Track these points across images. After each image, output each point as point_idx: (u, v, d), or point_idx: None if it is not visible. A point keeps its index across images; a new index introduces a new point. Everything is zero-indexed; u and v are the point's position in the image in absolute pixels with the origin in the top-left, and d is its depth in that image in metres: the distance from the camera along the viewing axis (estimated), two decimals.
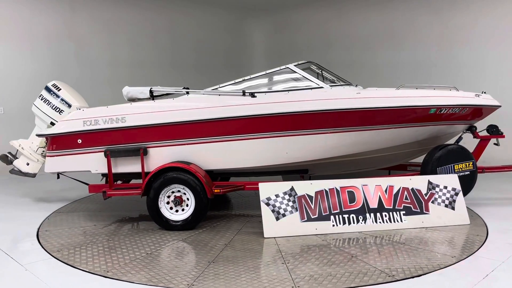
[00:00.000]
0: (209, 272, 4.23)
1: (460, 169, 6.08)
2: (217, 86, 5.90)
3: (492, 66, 9.57)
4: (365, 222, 5.48)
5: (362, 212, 5.52)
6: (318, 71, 6.15)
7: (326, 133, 5.63)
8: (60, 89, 6.57)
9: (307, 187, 5.54)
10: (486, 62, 9.63)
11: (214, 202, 6.70)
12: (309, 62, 6.19)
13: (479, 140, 6.52)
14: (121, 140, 5.67)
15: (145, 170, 5.68)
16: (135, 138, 5.66)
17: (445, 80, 8.87)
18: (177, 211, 5.58)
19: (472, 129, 6.45)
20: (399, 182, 5.75)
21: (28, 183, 8.34)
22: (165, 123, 5.60)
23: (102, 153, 5.70)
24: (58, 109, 6.49)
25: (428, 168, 6.02)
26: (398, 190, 5.68)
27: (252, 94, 5.62)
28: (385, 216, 5.55)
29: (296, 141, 5.63)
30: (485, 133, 6.56)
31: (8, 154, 7.04)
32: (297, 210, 5.40)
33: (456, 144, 6.26)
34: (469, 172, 6.12)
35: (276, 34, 13.80)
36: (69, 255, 4.72)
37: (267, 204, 5.38)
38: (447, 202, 5.73)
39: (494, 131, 6.44)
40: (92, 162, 5.75)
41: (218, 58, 13.25)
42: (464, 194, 5.87)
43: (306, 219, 5.38)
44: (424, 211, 5.63)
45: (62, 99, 6.50)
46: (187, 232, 5.46)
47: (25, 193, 7.74)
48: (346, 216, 5.48)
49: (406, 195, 5.68)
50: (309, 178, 6.49)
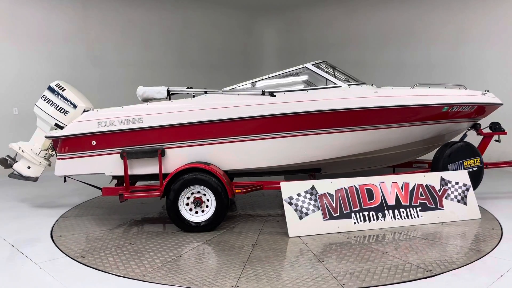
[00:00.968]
0: (248, 273, 4.19)
1: (469, 165, 6.27)
2: (235, 86, 5.85)
3: (493, 65, 9.61)
4: (384, 219, 5.57)
5: (381, 209, 5.60)
6: (333, 70, 6.20)
7: (344, 132, 5.69)
8: (64, 89, 6.33)
9: (327, 186, 5.58)
10: (487, 61, 9.64)
11: None
12: (324, 62, 6.24)
13: (483, 137, 6.74)
14: (138, 141, 5.54)
15: (163, 172, 5.56)
16: (153, 139, 5.54)
17: (454, 79, 8.88)
18: (197, 213, 5.50)
19: (477, 127, 6.67)
20: (414, 179, 5.87)
21: (24, 187, 8.01)
22: (184, 124, 5.51)
23: (118, 155, 5.54)
24: (63, 110, 6.26)
25: (440, 165, 6.18)
26: (414, 187, 5.80)
27: (272, 94, 5.61)
28: (403, 213, 5.65)
29: (315, 140, 5.66)
30: (488, 130, 6.78)
31: (7, 158, 6.75)
32: (319, 209, 5.43)
33: (464, 141, 6.45)
34: (477, 168, 6.33)
35: (287, 33, 13.72)
36: (96, 260, 4.57)
37: (290, 204, 5.39)
38: (459, 198, 5.89)
39: (497, 128, 6.68)
40: (107, 164, 5.58)
41: (229, 58, 13.24)
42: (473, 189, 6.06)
43: (329, 218, 5.42)
44: (439, 207, 5.78)
45: (67, 100, 6.27)
46: (209, 234, 5.39)
47: (23, 198, 7.42)
48: (366, 214, 5.55)
49: (421, 192, 5.80)
50: (313, 177, 6.53)
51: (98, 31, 10.83)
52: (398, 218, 5.62)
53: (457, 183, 5.96)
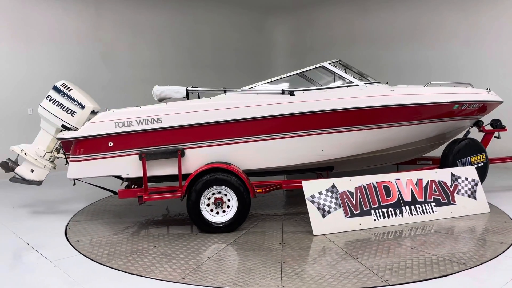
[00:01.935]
0: (288, 273, 4.18)
1: (476, 161, 6.48)
2: (254, 85, 5.82)
3: (492, 63, 9.67)
4: (402, 215, 5.68)
5: (399, 206, 5.71)
6: (347, 69, 6.26)
7: (362, 130, 5.76)
8: (71, 89, 6.13)
9: (347, 184, 5.63)
10: (487, 59, 9.68)
11: None
12: (340, 61, 6.29)
13: (484, 134, 6.98)
14: (157, 142, 5.42)
15: (181, 172, 5.47)
16: (171, 140, 5.43)
17: (462, 77, 8.81)
18: (218, 213, 5.44)
19: (479, 124, 6.90)
20: (427, 175, 6.01)
21: (24, 191, 7.68)
22: (204, 123, 5.43)
23: (135, 156, 5.41)
24: (70, 111, 6.06)
25: (449, 161, 6.36)
26: (427, 183, 5.94)
27: (291, 93, 5.61)
28: (419, 208, 5.78)
29: (333, 139, 5.71)
30: (489, 127, 7.02)
31: (8, 161, 6.46)
32: (341, 207, 5.47)
33: (470, 138, 6.66)
34: (483, 164, 6.55)
35: (298, 32, 13.64)
36: (127, 265, 4.45)
37: (312, 202, 5.41)
38: (469, 193, 6.08)
39: (498, 125, 6.93)
40: (124, 166, 5.44)
41: (240, 57, 13.21)
42: None
43: (350, 215, 5.47)
44: (451, 202, 5.94)
45: (74, 100, 6.07)
46: (232, 235, 5.34)
47: (22, 202, 7.11)
48: (385, 210, 5.64)
49: (434, 188, 5.95)
50: (322, 176, 6.58)
51: (110, 32, 10.91)
52: (415, 214, 5.73)
53: (467, 179, 6.15)
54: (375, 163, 6.67)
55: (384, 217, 5.60)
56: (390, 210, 5.66)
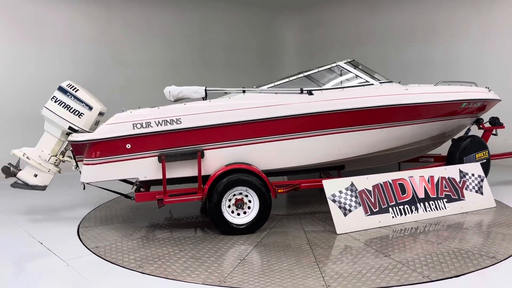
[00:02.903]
0: (328, 272, 4.18)
1: (480, 158, 6.69)
2: (272, 84, 5.78)
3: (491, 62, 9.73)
4: (418, 212, 5.79)
5: (413, 203, 5.81)
6: (361, 69, 6.32)
7: (377, 129, 5.84)
8: (78, 90, 5.91)
9: (364, 182, 5.69)
10: (486, 58, 9.73)
11: None
12: (353, 60, 6.34)
13: (484, 131, 7.21)
14: (176, 143, 5.29)
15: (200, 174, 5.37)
16: (191, 141, 5.32)
17: (464, 76, 8.82)
18: (239, 215, 5.38)
19: (480, 121, 7.12)
20: (438, 172, 6.15)
21: (22, 196, 7.34)
22: (224, 124, 5.35)
23: (154, 158, 5.26)
24: (78, 112, 5.83)
25: (456, 158, 6.53)
26: (438, 180, 6.08)
27: (310, 92, 5.61)
28: (432, 205, 5.91)
29: (350, 138, 5.75)
30: (488, 125, 7.26)
31: (9, 165, 6.16)
32: (360, 205, 5.52)
33: (473, 135, 6.86)
34: (486, 160, 6.76)
35: (307, 32, 13.54)
36: (159, 270, 4.33)
37: (334, 201, 5.43)
38: (477, 188, 6.26)
39: (496, 122, 7.18)
40: (142, 168, 5.28)
41: (250, 57, 13.20)
42: None
43: (370, 213, 5.53)
44: (461, 198, 6.10)
45: (82, 101, 5.85)
46: (254, 236, 5.29)
47: (21, 210, 6.80)
48: (402, 207, 5.73)
49: (445, 184, 6.10)
50: (329, 175, 6.62)
51: (121, 32, 10.96)
52: (429, 210, 5.86)
53: (473, 175, 6.33)
54: (383, 161, 6.76)
55: (401, 214, 5.69)
56: (406, 207, 5.76)
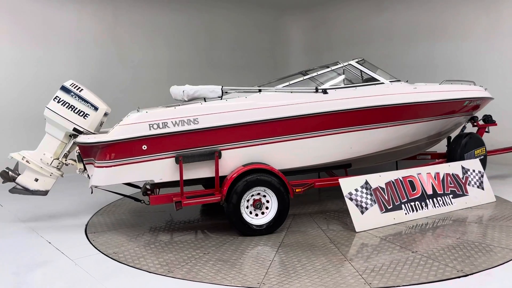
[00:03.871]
0: (363, 270, 4.20)
1: (478, 154, 6.91)
2: (287, 83, 5.75)
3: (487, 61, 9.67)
4: (428, 208, 5.91)
5: (423, 199, 5.93)
6: (370, 68, 6.38)
7: (387, 127, 5.92)
8: (82, 89, 5.67)
9: (378, 180, 5.75)
10: (490, 57, 9.62)
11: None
12: (363, 59, 6.40)
13: (478, 128, 7.45)
14: (193, 144, 5.17)
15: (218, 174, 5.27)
16: (208, 141, 5.21)
17: (473, 76, 8.68)
18: (257, 215, 5.32)
19: (475, 119, 7.36)
20: (442, 169, 6.30)
21: (21, 202, 6.96)
22: (241, 123, 5.28)
23: (170, 160, 5.12)
24: (83, 113, 5.59)
25: (457, 154, 6.72)
26: (443, 176, 6.23)
27: (324, 91, 5.62)
28: (440, 201, 6.05)
29: (362, 136, 5.81)
30: (482, 122, 7.52)
31: (8, 170, 5.83)
32: (376, 202, 5.58)
33: (472, 132, 7.08)
34: (483, 156, 6.99)
35: (313, 31, 13.42)
36: (190, 274, 4.21)
37: (351, 199, 5.46)
38: (478, 184, 6.47)
39: (489, 120, 7.45)
40: (157, 170, 5.12)
41: (256, 57, 13.12)
42: None
43: (384, 210, 5.60)
44: (465, 193, 6.28)
45: (86, 101, 5.62)
46: (274, 236, 5.24)
47: (21, 217, 6.45)
48: (413, 204, 5.83)
49: (450, 180, 6.26)
50: (333, 174, 6.67)
51: (127, 33, 10.94)
52: (438, 206, 5.99)
53: (474, 171, 6.53)
54: (386, 160, 6.87)
55: (413, 211, 5.79)
56: (417, 204, 5.86)
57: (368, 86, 5.95)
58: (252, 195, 5.27)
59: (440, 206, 6.01)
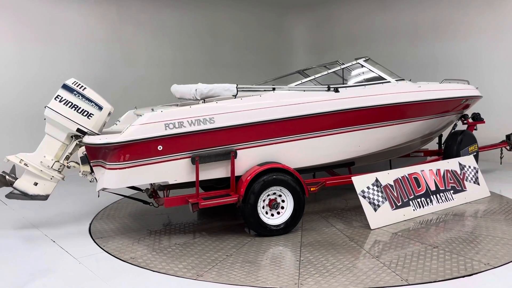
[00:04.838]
0: (393, 267, 4.24)
1: (472, 151, 7.14)
2: (299, 82, 5.72)
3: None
4: (432, 204, 6.05)
5: (428, 195, 6.07)
6: (376, 67, 6.45)
7: (394, 125, 6.01)
8: (85, 88, 5.41)
9: (386, 177, 5.83)
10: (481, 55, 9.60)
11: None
12: (369, 58, 6.44)
13: (468, 126, 7.70)
14: (209, 144, 5.04)
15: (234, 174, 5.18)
16: (223, 141, 5.10)
17: (473, 75, 8.74)
18: (272, 215, 5.26)
19: (466, 117, 7.60)
20: (442, 166, 6.47)
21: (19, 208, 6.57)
22: (257, 122, 5.20)
23: (185, 160, 4.97)
24: (87, 113, 5.34)
25: (454, 151, 6.92)
26: (444, 173, 6.40)
27: (336, 89, 5.63)
28: (442, 196, 6.21)
29: (370, 134, 5.87)
30: (471, 120, 7.78)
31: (4, 174, 5.48)
32: (386, 200, 5.65)
33: (465, 130, 7.31)
34: (476, 153, 7.24)
35: (317, 30, 13.25)
36: (222, 277, 4.10)
37: (364, 197, 5.51)
38: (474, 179, 6.68)
39: (478, 118, 7.72)
40: (172, 171, 4.96)
41: (260, 55, 13.00)
42: None
43: (395, 207, 5.68)
44: (463, 189, 6.48)
45: (90, 100, 5.37)
46: (291, 236, 5.20)
47: (16, 224, 6.10)
48: (419, 200, 5.95)
49: (450, 176, 6.43)
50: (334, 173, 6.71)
51: (131, 31, 10.83)
52: (441, 202, 6.15)
53: (470, 167, 6.74)
54: (386, 157, 6.97)
55: (420, 207, 5.91)
56: (423, 200, 5.99)
57: (376, 85, 6.02)
58: (268, 195, 5.21)
59: (443, 202, 6.17)
